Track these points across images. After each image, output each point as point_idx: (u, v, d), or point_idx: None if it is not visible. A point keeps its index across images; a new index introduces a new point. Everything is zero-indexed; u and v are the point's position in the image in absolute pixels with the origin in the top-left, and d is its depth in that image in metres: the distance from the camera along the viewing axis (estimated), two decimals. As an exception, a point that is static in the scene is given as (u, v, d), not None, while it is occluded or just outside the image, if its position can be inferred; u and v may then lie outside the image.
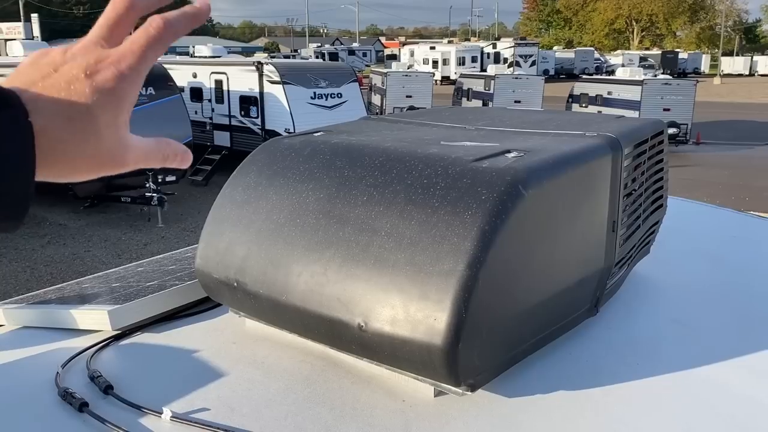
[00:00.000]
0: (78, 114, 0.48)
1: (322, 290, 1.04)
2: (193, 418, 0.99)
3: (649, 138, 1.43)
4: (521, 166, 1.03)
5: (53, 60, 0.50)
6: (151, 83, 12.46)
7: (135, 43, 0.51)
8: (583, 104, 19.42)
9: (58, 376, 1.12)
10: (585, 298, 1.24)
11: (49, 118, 0.47)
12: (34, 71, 0.50)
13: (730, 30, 74.90)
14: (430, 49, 48.17)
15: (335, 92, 14.74)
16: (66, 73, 0.49)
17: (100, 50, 0.51)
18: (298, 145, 1.27)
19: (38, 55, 0.51)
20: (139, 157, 0.55)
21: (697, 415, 1.01)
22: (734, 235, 2.04)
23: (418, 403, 1.04)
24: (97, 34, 0.52)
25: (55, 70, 0.49)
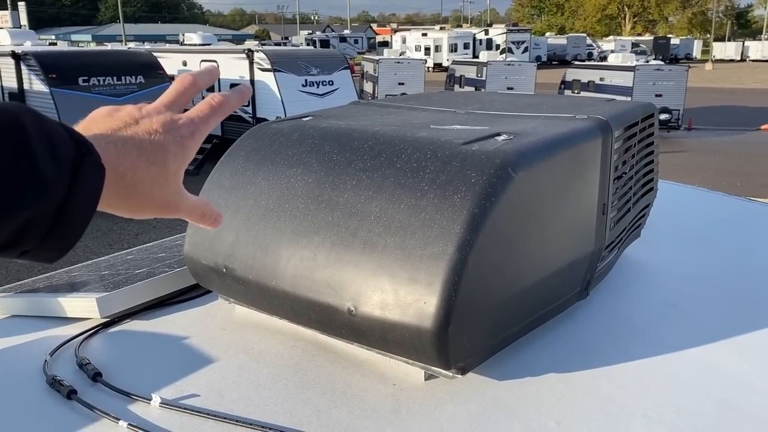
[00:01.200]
0: (156, 159, 0.57)
1: (312, 275, 1.04)
2: (183, 404, 0.99)
3: (639, 120, 1.42)
4: (511, 149, 1.03)
5: (131, 114, 0.58)
6: (140, 71, 12.36)
7: (201, 111, 0.62)
8: (576, 90, 19.40)
9: (46, 364, 1.12)
10: (575, 281, 1.24)
11: (135, 160, 0.56)
12: (113, 121, 0.57)
13: (721, 15, 74.92)
14: (422, 36, 47.92)
15: (327, 80, 14.65)
16: (147, 126, 0.58)
17: (171, 113, 0.60)
18: (287, 129, 1.26)
19: (111, 109, 0.59)
20: (188, 206, 0.63)
21: (688, 396, 1.01)
22: (724, 218, 2.04)
23: (409, 387, 1.04)
24: (165, 101, 0.62)
25: (135, 122, 0.58)
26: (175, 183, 0.60)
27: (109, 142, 0.55)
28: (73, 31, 54.34)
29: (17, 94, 12.00)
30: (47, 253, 0.52)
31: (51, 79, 11.37)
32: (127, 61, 12.68)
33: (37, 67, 11.56)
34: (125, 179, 0.55)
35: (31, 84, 11.80)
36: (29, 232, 0.49)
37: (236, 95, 0.66)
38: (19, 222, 0.48)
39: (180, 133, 0.59)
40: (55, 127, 0.51)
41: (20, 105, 0.50)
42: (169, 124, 0.59)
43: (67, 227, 0.51)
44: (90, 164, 0.51)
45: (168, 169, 0.58)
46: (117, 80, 11.98)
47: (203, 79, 0.65)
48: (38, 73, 11.55)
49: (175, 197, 0.61)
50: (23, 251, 0.51)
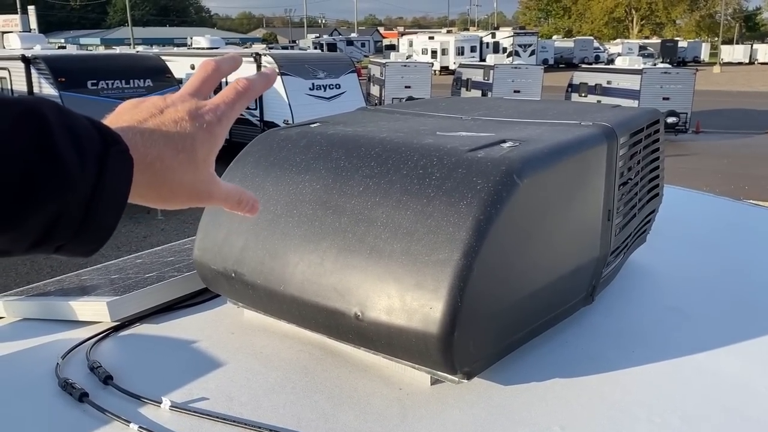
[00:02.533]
0: (184, 147, 0.57)
1: (319, 280, 1.05)
2: (193, 407, 1.00)
3: (644, 127, 1.43)
4: (516, 156, 1.04)
5: (156, 104, 0.58)
6: (148, 75, 12.44)
7: (227, 96, 0.62)
8: (583, 93, 19.37)
9: (58, 367, 1.13)
10: (581, 286, 1.25)
11: (162, 149, 0.56)
12: (138, 112, 0.57)
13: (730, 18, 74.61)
14: (429, 39, 47.98)
15: (334, 83, 14.70)
16: (172, 114, 0.58)
17: (196, 100, 0.60)
18: (295, 136, 1.28)
19: (136, 102, 0.59)
20: (222, 194, 0.63)
21: (693, 401, 1.02)
22: (730, 223, 2.04)
23: (415, 391, 1.05)
24: (189, 89, 0.62)
25: (160, 111, 0.58)
26: (205, 170, 0.59)
27: (135, 133, 0.55)
28: (82, 34, 54.70)
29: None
30: (82, 247, 0.52)
31: (60, 82, 11.45)
32: (136, 65, 12.77)
33: (46, 71, 11.66)
34: (154, 168, 0.55)
35: (41, 87, 11.89)
36: (60, 227, 0.49)
37: (262, 79, 0.65)
38: (47, 216, 0.48)
39: (206, 120, 0.59)
40: (79, 120, 0.51)
41: (42, 99, 0.50)
42: (194, 111, 0.59)
43: (98, 220, 0.51)
44: (117, 154, 0.51)
45: (197, 155, 0.58)
46: (125, 83, 12.06)
47: (226, 65, 0.65)
48: (48, 77, 11.64)
49: (207, 185, 0.60)
50: (58, 246, 0.51)
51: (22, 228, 0.47)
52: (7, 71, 12.73)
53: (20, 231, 0.48)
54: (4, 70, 12.82)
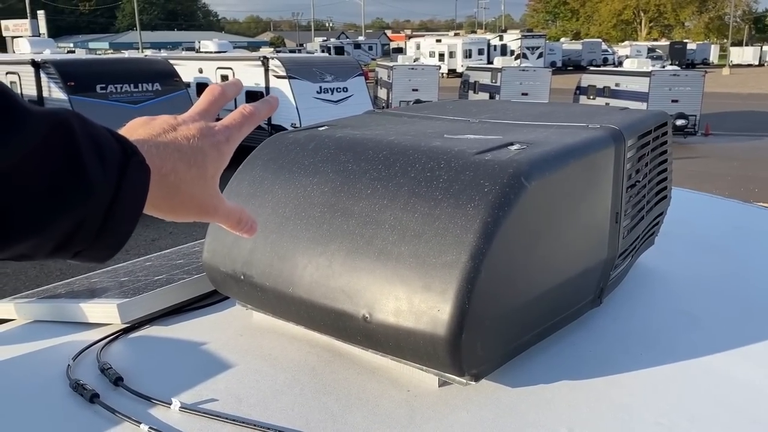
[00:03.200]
0: (196, 162, 0.60)
1: (328, 282, 1.06)
2: (202, 408, 1.01)
3: (652, 129, 1.43)
4: (524, 159, 1.04)
5: (167, 122, 0.62)
6: (157, 79, 12.49)
7: (235, 119, 0.66)
8: (591, 96, 19.31)
9: (69, 369, 1.15)
10: (588, 289, 1.25)
11: (176, 162, 0.59)
12: (152, 128, 0.60)
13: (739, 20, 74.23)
14: (437, 42, 47.98)
15: (341, 86, 14.73)
16: (185, 131, 0.61)
17: (205, 121, 0.64)
18: (303, 139, 1.29)
19: (148, 118, 0.62)
20: (225, 211, 0.65)
21: (701, 404, 1.02)
22: (739, 226, 2.04)
23: (423, 393, 1.05)
24: (198, 110, 0.65)
25: (173, 128, 0.61)
26: (213, 186, 0.62)
27: (151, 146, 0.58)
28: (91, 38, 55.07)
29: (36, 101, 12.19)
30: (99, 253, 0.54)
31: (69, 86, 11.53)
32: (144, 69, 12.83)
33: (56, 75, 11.74)
34: (168, 180, 0.58)
35: (50, 92, 11.97)
36: (80, 233, 0.51)
37: (265, 106, 0.69)
38: (71, 222, 0.50)
39: (216, 139, 0.62)
40: (101, 131, 0.53)
41: (68, 110, 0.52)
42: (205, 130, 0.62)
43: (116, 226, 0.53)
44: (136, 164, 0.53)
45: (207, 171, 0.61)
46: (134, 87, 12.12)
47: (231, 90, 0.69)
48: (57, 81, 11.73)
49: (214, 200, 0.63)
50: (76, 252, 0.53)
51: (46, 234, 0.49)
52: (17, 76, 12.83)
53: (44, 236, 0.49)
54: (14, 74, 12.92)
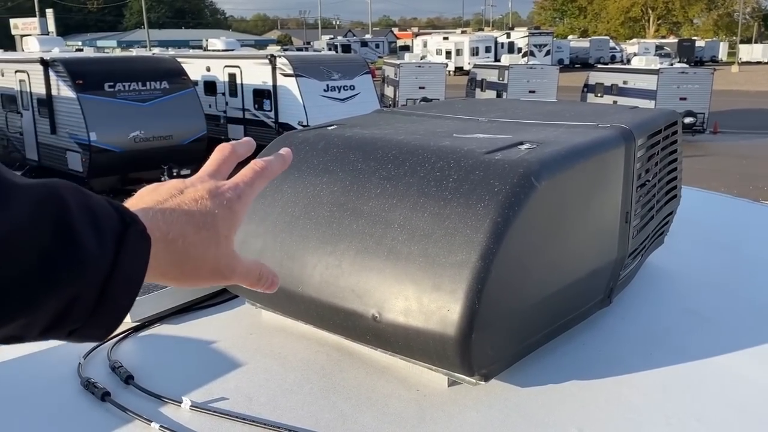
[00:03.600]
0: (205, 224, 0.57)
1: (337, 282, 1.06)
2: (212, 407, 1.02)
3: (662, 128, 1.42)
4: (534, 158, 1.04)
5: (175, 186, 0.59)
6: (165, 77, 12.52)
7: (246, 176, 0.63)
8: (599, 94, 19.24)
9: (80, 367, 1.15)
10: (598, 288, 1.25)
11: (183, 226, 0.56)
12: (158, 194, 0.58)
13: (748, 17, 73.73)
14: (444, 40, 47.87)
15: (348, 84, 14.72)
16: (192, 194, 0.58)
17: (214, 180, 0.61)
18: (312, 138, 1.29)
19: (155, 186, 0.60)
20: (243, 270, 0.62)
21: (710, 404, 1.02)
22: (749, 225, 2.03)
23: (432, 393, 1.05)
24: (207, 171, 0.63)
25: (180, 192, 0.58)
26: (227, 246, 0.59)
27: (156, 212, 0.55)
28: (99, 37, 55.26)
29: (45, 99, 12.25)
30: (95, 330, 0.51)
31: (78, 85, 11.58)
32: (152, 67, 12.87)
33: (64, 74, 11.79)
34: (176, 245, 0.55)
35: (59, 90, 12.03)
36: (74, 310, 0.48)
37: (278, 160, 0.67)
38: (63, 299, 0.47)
39: (227, 197, 0.60)
40: (97, 201, 0.50)
41: (61, 181, 0.50)
42: (214, 190, 0.59)
43: (113, 302, 0.50)
44: (134, 234, 0.51)
45: (219, 232, 0.58)
46: (142, 86, 12.16)
47: (242, 149, 0.67)
48: (66, 80, 11.78)
49: (229, 260, 0.60)
50: (70, 331, 0.50)
51: (37, 313, 0.46)
52: (26, 74, 12.89)
53: (35, 315, 0.46)
54: (23, 73, 12.98)
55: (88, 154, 11.42)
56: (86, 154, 11.46)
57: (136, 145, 11.70)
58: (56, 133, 12.19)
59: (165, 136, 12.05)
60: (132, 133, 11.70)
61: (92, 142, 11.39)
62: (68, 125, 11.90)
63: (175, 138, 12.16)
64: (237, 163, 0.66)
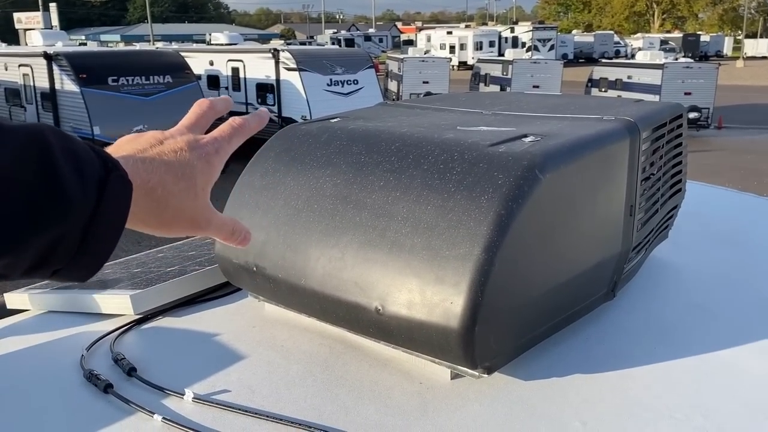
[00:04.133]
0: (183, 174, 0.59)
1: (340, 274, 1.06)
2: (215, 399, 1.02)
3: (667, 122, 1.41)
4: (538, 151, 1.03)
5: (154, 136, 0.61)
6: (168, 71, 12.53)
7: (223, 131, 0.65)
8: (603, 89, 19.19)
9: (83, 359, 1.15)
10: (602, 282, 1.25)
11: (163, 176, 0.57)
12: (137, 144, 0.59)
13: (753, 12, 73.35)
14: (447, 34, 47.76)
15: (351, 79, 14.71)
16: (171, 145, 0.60)
17: (193, 134, 0.63)
18: (315, 131, 1.28)
19: (134, 135, 0.61)
20: (218, 223, 0.64)
21: (715, 398, 1.01)
22: (754, 219, 2.02)
23: (435, 386, 1.05)
24: (185, 123, 0.65)
25: (160, 142, 0.60)
26: (203, 198, 0.61)
27: (136, 160, 0.56)
28: (103, 31, 55.24)
29: (49, 93, 12.27)
30: (78, 271, 0.52)
31: (81, 79, 11.60)
32: (156, 61, 12.88)
33: (68, 68, 11.81)
34: (156, 194, 0.56)
35: (63, 84, 12.05)
36: (58, 250, 0.49)
37: (255, 119, 0.69)
38: (47, 239, 0.48)
39: (205, 150, 0.61)
40: (80, 145, 0.51)
41: (45, 125, 0.50)
42: (193, 142, 0.61)
43: (96, 244, 0.51)
44: (116, 179, 0.52)
45: (196, 183, 0.60)
46: (145, 80, 12.18)
47: (220, 105, 0.69)
48: (69, 73, 11.80)
49: (206, 212, 0.62)
50: (54, 270, 0.51)
51: (22, 252, 0.47)
52: (29, 68, 12.91)
53: (20, 255, 0.47)
54: (27, 66, 13.00)
55: (92, 148, 11.43)
56: (90, 148, 11.47)
57: (139, 139, 11.70)
58: (60, 126, 12.21)
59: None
60: (135, 127, 11.71)
61: (96, 136, 11.42)
62: (72, 119, 11.92)
63: (178, 132, 12.15)
64: (215, 119, 0.68)
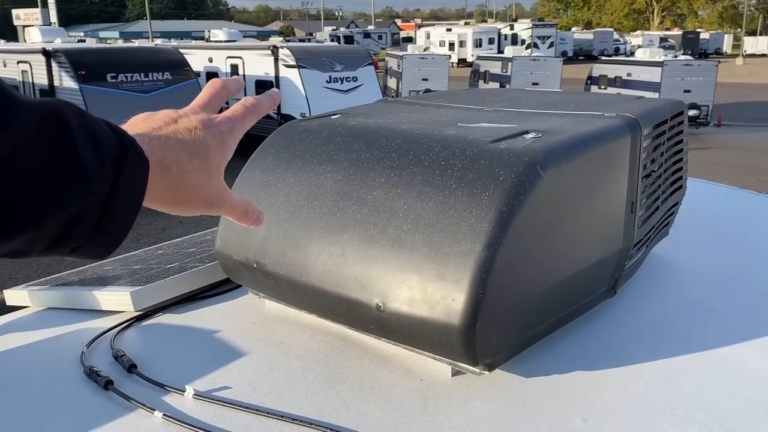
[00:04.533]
0: (198, 152, 0.59)
1: (341, 271, 1.05)
2: (215, 396, 1.01)
3: (668, 118, 1.41)
4: (539, 147, 1.03)
5: (168, 115, 0.61)
6: (167, 68, 12.51)
7: (237, 111, 0.65)
8: (602, 86, 19.17)
9: (83, 356, 1.15)
10: (603, 279, 1.24)
11: (178, 154, 0.58)
12: (152, 122, 0.59)
13: (753, 9, 73.29)
14: (447, 31, 47.69)
15: (351, 76, 14.69)
16: (186, 123, 0.60)
17: (207, 113, 0.63)
18: (316, 127, 1.28)
19: (148, 114, 0.61)
20: (232, 203, 0.65)
21: (716, 395, 1.01)
22: (754, 216, 2.02)
23: (436, 383, 1.05)
24: (199, 103, 0.65)
25: (174, 121, 0.60)
26: (217, 177, 0.62)
27: (152, 138, 0.57)
28: (101, 28, 55.13)
29: (48, 90, 12.24)
30: (97, 249, 0.53)
31: (80, 76, 11.57)
32: (154, 58, 12.85)
33: (67, 64, 11.78)
34: (171, 171, 0.57)
35: (62, 81, 12.02)
36: (77, 227, 0.49)
37: (267, 99, 0.69)
38: (66, 216, 0.48)
39: (219, 129, 0.62)
40: (97, 122, 0.52)
41: (63, 101, 0.51)
42: (206, 121, 0.61)
43: (114, 221, 0.51)
44: (133, 156, 0.52)
45: (210, 162, 0.60)
46: (144, 77, 12.15)
47: (232, 85, 0.69)
48: (68, 70, 11.77)
49: (220, 191, 0.62)
50: (73, 248, 0.51)
51: (41, 229, 0.48)
52: (28, 65, 12.89)
53: (39, 232, 0.48)
54: (26, 63, 12.98)
55: (91, 145, 11.42)
56: (89, 145, 11.46)
57: (138, 136, 11.69)
58: (59, 124, 12.19)
59: (168, 127, 12.03)
60: (134, 125, 11.68)
61: (95, 133, 11.40)
62: (71, 116, 11.90)
63: (177, 129, 12.14)
64: (227, 99, 0.68)
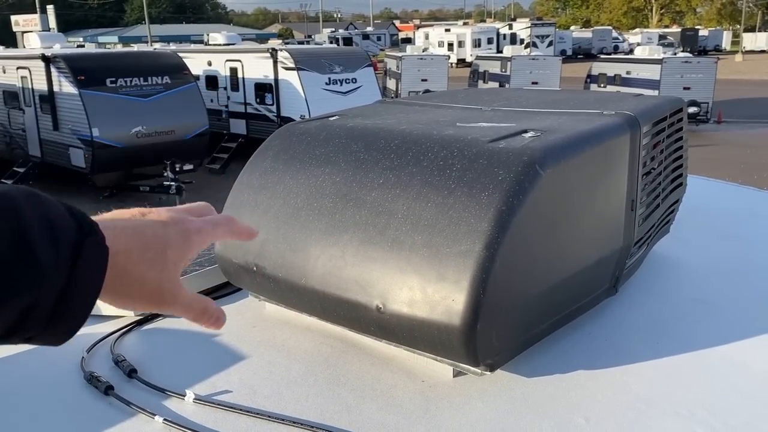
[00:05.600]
0: (154, 245, 0.56)
1: (340, 273, 1.05)
2: (216, 399, 1.01)
3: (668, 116, 1.41)
4: (538, 146, 1.03)
5: (141, 210, 0.59)
6: (166, 72, 12.50)
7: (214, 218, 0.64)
8: (602, 84, 19.17)
9: (83, 361, 1.15)
10: (604, 277, 1.24)
11: (130, 241, 0.55)
12: (120, 214, 0.58)
13: (752, 5, 73.26)
14: (445, 32, 47.67)
15: (350, 77, 14.69)
16: (153, 216, 0.59)
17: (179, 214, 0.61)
18: (314, 129, 1.28)
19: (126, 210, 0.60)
20: (186, 301, 0.61)
21: (718, 393, 1.01)
22: (755, 213, 2.01)
23: (438, 384, 1.04)
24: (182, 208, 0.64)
25: (142, 214, 0.58)
26: (172, 273, 0.58)
27: (107, 226, 0.54)
28: (101, 33, 55.19)
29: (48, 96, 12.25)
30: (53, 338, 0.51)
31: (80, 81, 11.57)
32: (154, 62, 12.84)
33: (66, 70, 11.78)
34: (117, 260, 0.53)
35: (61, 86, 12.02)
36: (31, 319, 0.48)
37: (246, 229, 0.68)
38: (19, 308, 0.47)
39: (186, 226, 0.59)
40: (56, 210, 0.50)
41: (21, 188, 0.49)
42: (176, 217, 0.59)
43: (69, 311, 0.50)
44: (91, 245, 0.50)
45: (167, 256, 0.57)
46: (144, 81, 12.15)
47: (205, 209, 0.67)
48: (67, 76, 11.77)
49: (172, 288, 0.58)
50: (28, 337, 0.50)
51: None
52: (27, 70, 12.88)
53: None
54: (25, 69, 12.97)
55: (91, 150, 11.43)
56: (89, 150, 11.47)
57: (138, 140, 11.70)
58: (59, 129, 12.19)
59: (167, 131, 12.05)
60: (134, 129, 11.70)
61: (95, 138, 11.40)
62: (70, 121, 11.90)
63: (177, 133, 12.16)
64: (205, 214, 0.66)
